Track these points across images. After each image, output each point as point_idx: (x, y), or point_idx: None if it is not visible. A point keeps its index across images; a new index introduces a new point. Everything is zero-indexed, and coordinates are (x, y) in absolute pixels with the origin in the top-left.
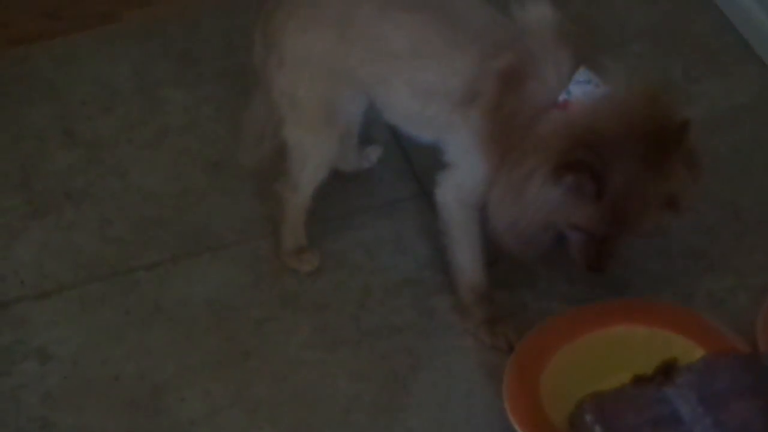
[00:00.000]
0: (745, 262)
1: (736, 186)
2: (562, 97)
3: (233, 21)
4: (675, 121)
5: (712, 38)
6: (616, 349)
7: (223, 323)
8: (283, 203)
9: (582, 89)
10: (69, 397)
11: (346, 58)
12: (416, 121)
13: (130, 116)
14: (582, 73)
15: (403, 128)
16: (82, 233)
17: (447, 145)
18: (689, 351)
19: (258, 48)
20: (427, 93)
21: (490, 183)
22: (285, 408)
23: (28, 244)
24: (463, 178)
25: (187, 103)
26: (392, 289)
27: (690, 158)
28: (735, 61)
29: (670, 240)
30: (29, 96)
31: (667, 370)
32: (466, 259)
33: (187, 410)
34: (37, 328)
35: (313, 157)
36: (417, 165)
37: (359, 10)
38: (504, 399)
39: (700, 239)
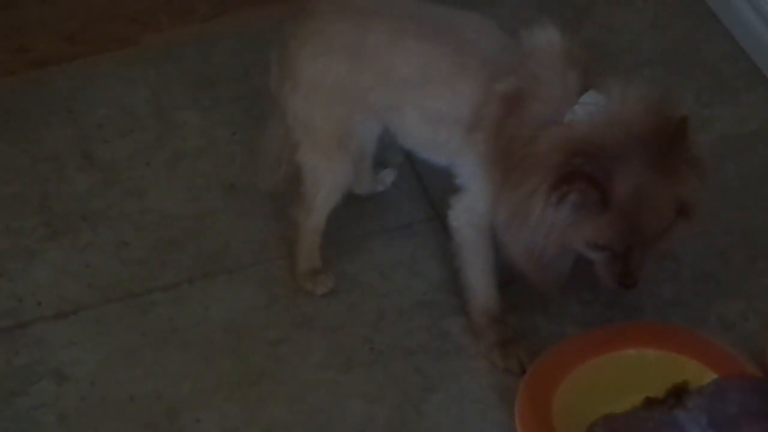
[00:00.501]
0: (756, 286)
1: (748, 211)
2: (568, 117)
3: (249, 45)
4: (673, 120)
5: (724, 64)
6: (627, 371)
7: (239, 344)
8: (297, 226)
9: (587, 110)
10: (85, 417)
11: (358, 84)
12: (429, 146)
13: (146, 139)
14: (589, 96)
15: (417, 152)
16: (99, 255)
17: (458, 169)
18: (700, 374)
19: (274, 72)
20: (437, 119)
21: (494, 207)
22: (299, 429)
23: (46, 265)
24: (473, 201)
25: (203, 126)
26: (406, 311)
27: (692, 157)
28: (746, 87)
29: (682, 264)
30: (47, 119)
31: (678, 394)
32: (479, 282)
33: (202, 431)
34: (54, 349)
35: (327, 181)
36: (431, 188)
37: (370, 38)
38: (516, 420)
39: (712, 263)
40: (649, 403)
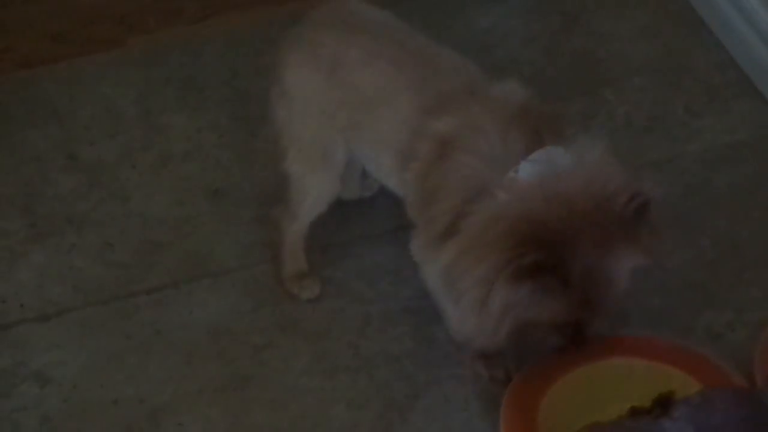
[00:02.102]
0: (744, 297)
1: (736, 221)
2: (509, 175)
3: (237, 49)
4: (622, 197)
5: (714, 74)
6: (614, 381)
7: (223, 349)
8: (281, 230)
9: (535, 169)
10: (68, 420)
11: (331, 99)
12: (379, 172)
13: (132, 142)
14: (540, 153)
15: (376, 178)
16: (83, 257)
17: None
18: (687, 384)
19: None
20: (380, 142)
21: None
22: None
23: (29, 267)
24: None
25: (189, 129)
26: (392, 318)
27: (641, 230)
28: (736, 96)
29: (669, 274)
30: (33, 119)
31: (665, 403)
32: (449, 310)
33: None
34: (37, 351)
35: (311, 192)
36: None
37: (348, 54)
38: (501, 429)
39: (699, 274)
40: (635, 412)
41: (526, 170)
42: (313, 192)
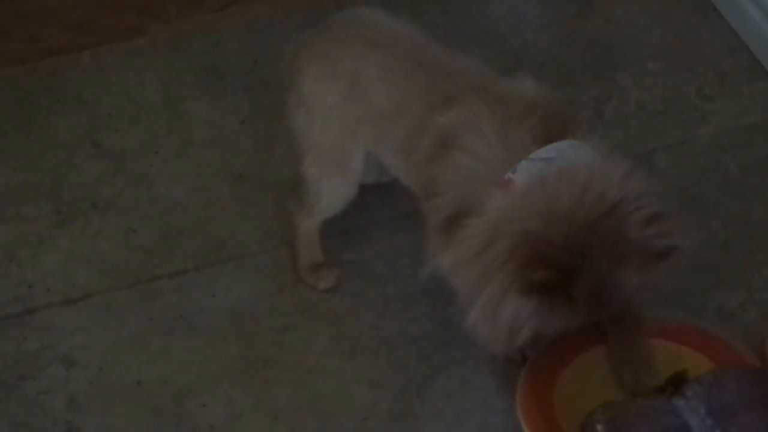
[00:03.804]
0: (756, 277)
1: (748, 203)
2: (507, 176)
3: (257, 36)
4: (626, 207)
5: (725, 58)
6: None
7: (244, 331)
8: (296, 224)
9: (531, 168)
10: (93, 401)
11: (350, 113)
12: (398, 173)
13: (155, 128)
14: (542, 152)
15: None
16: (108, 242)
17: None
18: (699, 364)
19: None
20: (400, 152)
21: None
22: (304, 414)
23: (55, 252)
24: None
25: (211, 116)
26: (410, 300)
27: (646, 244)
28: (747, 80)
29: (682, 256)
30: (58, 108)
31: (677, 383)
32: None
33: (209, 416)
34: (63, 335)
35: (327, 195)
36: None
37: (365, 69)
38: (518, 408)
39: (712, 255)
40: (648, 391)
41: (524, 171)
42: (328, 195)
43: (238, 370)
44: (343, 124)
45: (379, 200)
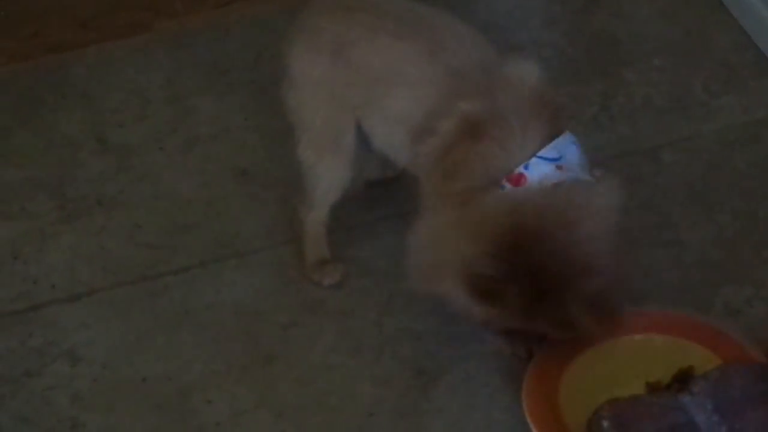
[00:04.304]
0: (763, 273)
1: (755, 199)
2: (519, 170)
3: (262, 32)
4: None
5: (732, 53)
6: (633, 356)
7: (249, 328)
8: (301, 219)
9: (543, 169)
10: (98, 398)
11: (338, 81)
12: (388, 149)
13: (160, 124)
14: (549, 151)
15: (386, 155)
16: (113, 238)
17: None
18: (706, 360)
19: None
20: (393, 121)
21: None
22: (309, 411)
23: (60, 248)
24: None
25: (216, 111)
26: (415, 296)
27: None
28: (754, 76)
29: (689, 251)
30: (62, 103)
31: (684, 379)
32: None
33: (213, 412)
34: (68, 331)
35: (324, 180)
36: None
37: (349, 34)
38: (523, 404)
39: (719, 251)
40: (652, 388)
41: (536, 168)
42: (324, 178)
43: (243, 367)
44: (331, 93)
45: (385, 196)
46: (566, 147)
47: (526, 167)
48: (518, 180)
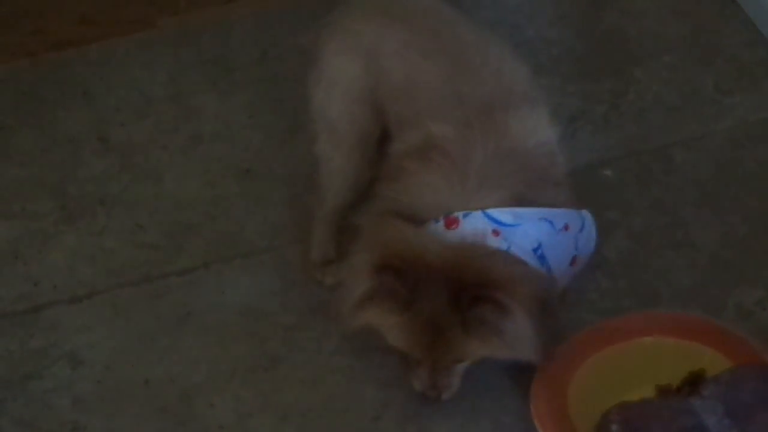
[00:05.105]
0: None
1: (766, 199)
2: (456, 215)
3: (267, 30)
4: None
5: (744, 51)
6: (644, 359)
7: (254, 329)
8: (315, 217)
9: (478, 225)
10: (100, 401)
11: (369, 86)
12: None
13: (163, 123)
14: (503, 213)
15: None
16: (115, 239)
17: None
18: (717, 363)
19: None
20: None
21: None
22: (314, 414)
23: (61, 249)
24: None
25: (219, 110)
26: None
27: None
28: (766, 74)
29: (699, 252)
30: (64, 101)
31: (695, 382)
32: None
33: (217, 415)
34: (69, 333)
35: (341, 179)
36: None
37: (383, 43)
38: (531, 407)
39: (730, 251)
40: (665, 391)
41: (474, 222)
42: (341, 178)
43: (247, 369)
44: (362, 95)
45: None
46: (531, 221)
47: (465, 215)
48: (451, 223)
